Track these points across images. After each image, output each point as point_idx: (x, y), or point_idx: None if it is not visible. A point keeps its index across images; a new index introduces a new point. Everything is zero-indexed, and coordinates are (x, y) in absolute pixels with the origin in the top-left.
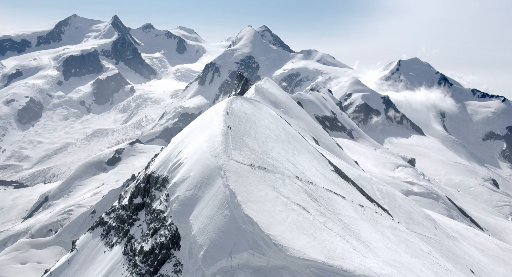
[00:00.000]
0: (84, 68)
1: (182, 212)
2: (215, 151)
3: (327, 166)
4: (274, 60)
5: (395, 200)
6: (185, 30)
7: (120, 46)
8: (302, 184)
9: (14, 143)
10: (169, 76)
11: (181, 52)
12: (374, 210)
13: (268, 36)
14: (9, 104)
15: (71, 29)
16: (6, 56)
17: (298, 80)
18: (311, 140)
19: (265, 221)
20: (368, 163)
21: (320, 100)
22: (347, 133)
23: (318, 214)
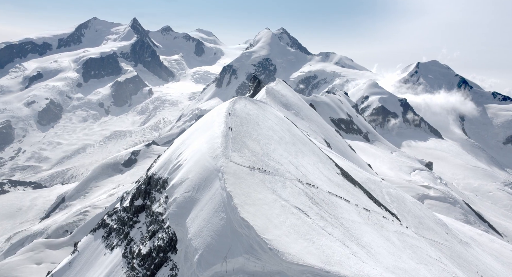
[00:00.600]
0: (103, 70)
1: (179, 214)
2: (214, 153)
3: (333, 168)
4: (291, 62)
5: (405, 204)
6: (204, 33)
7: (139, 48)
8: (303, 187)
9: (34, 144)
10: (187, 78)
11: (199, 54)
12: (381, 214)
13: (286, 38)
14: (30, 105)
15: (91, 31)
16: (27, 59)
17: (316, 83)
18: (322, 143)
19: (262, 225)
20: (384, 166)
21: (336, 102)
22: (363, 136)
23: (318, 218)
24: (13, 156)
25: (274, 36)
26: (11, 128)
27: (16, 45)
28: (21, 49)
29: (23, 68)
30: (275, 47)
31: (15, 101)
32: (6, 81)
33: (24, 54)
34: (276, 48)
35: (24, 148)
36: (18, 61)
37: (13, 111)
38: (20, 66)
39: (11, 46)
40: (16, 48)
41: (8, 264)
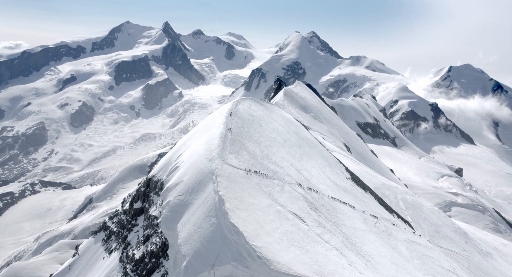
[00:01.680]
0: (135, 73)
1: (171, 218)
2: (210, 155)
3: (343, 173)
4: (321, 66)
5: (421, 212)
6: (234, 36)
7: (170, 52)
8: (303, 192)
9: (66, 145)
10: (217, 81)
11: (230, 58)
12: (391, 221)
13: (316, 42)
14: (63, 108)
15: (123, 35)
16: (62, 62)
17: (345, 87)
18: (341, 146)
19: (252, 231)
20: (410, 172)
21: (363, 106)
22: (390, 140)
23: (316, 225)
24: (46, 157)
25: (303, 39)
26: (44, 129)
27: (51, 48)
28: (57, 53)
29: (57, 71)
30: (305, 50)
31: (49, 103)
32: (41, 84)
33: (59, 57)
34: (306, 51)
35: (57, 149)
36: (53, 64)
37: (47, 113)
38: (55, 69)
39: (47, 49)
40: (52, 51)
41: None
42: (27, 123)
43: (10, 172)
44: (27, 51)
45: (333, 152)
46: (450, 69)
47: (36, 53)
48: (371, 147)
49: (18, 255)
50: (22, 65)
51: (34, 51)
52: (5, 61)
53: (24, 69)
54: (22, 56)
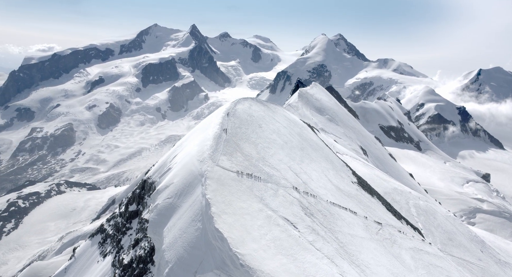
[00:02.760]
0: (162, 75)
1: (158, 222)
2: (202, 156)
3: (349, 177)
4: (347, 69)
5: (434, 218)
6: (261, 39)
7: (196, 54)
8: (298, 196)
9: (93, 147)
10: (243, 84)
11: (256, 60)
12: (398, 228)
13: (342, 44)
14: (91, 109)
15: (151, 38)
16: (91, 64)
17: (371, 90)
18: (357, 149)
19: (237, 237)
20: (434, 176)
21: (386, 109)
22: (414, 144)
23: (308, 231)
24: (73, 158)
25: (330, 42)
26: (72, 130)
27: (81, 51)
28: (86, 55)
29: (86, 73)
30: (331, 53)
31: (77, 104)
32: (71, 86)
33: (88, 59)
34: (332, 54)
35: (84, 150)
36: (82, 67)
37: (75, 115)
38: (83, 71)
39: (76, 52)
40: (81, 54)
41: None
42: (56, 124)
43: (38, 172)
44: (58, 54)
45: (343, 155)
46: (480, 72)
47: (66, 56)
48: (393, 151)
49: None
50: (53, 67)
51: (64, 54)
52: (36, 63)
53: (54, 71)
54: (53, 59)
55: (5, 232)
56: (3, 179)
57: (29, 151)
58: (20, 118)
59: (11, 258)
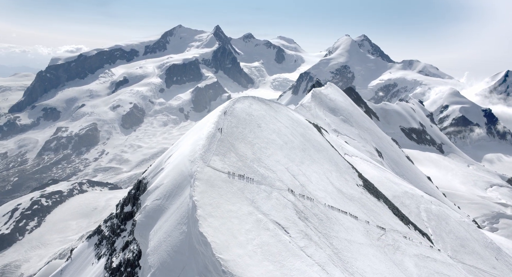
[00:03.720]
0: (185, 76)
1: (145, 225)
2: (193, 156)
3: (354, 179)
4: (370, 70)
5: (446, 224)
6: (285, 40)
7: (220, 55)
8: (293, 199)
9: (116, 146)
10: (266, 85)
11: (280, 61)
12: (404, 234)
13: (367, 45)
14: (115, 109)
15: (175, 39)
16: (116, 65)
17: (395, 91)
18: (371, 151)
19: (222, 242)
20: (456, 180)
21: (408, 111)
22: (436, 147)
23: (300, 237)
24: (97, 158)
25: (353, 43)
26: (97, 130)
27: (106, 51)
28: (111, 56)
29: (111, 74)
30: (354, 54)
31: (102, 105)
32: (96, 86)
33: (113, 60)
34: (355, 55)
35: (108, 150)
36: (108, 67)
37: (99, 115)
38: (108, 72)
39: (102, 52)
40: (107, 54)
41: None
42: (81, 124)
43: (63, 171)
44: (84, 54)
45: (352, 157)
46: (508, 73)
47: (92, 56)
48: (414, 154)
49: (63, 252)
50: (78, 68)
51: (90, 54)
52: (62, 64)
53: (80, 72)
54: (79, 59)
55: (28, 230)
56: (29, 178)
57: (54, 150)
58: (46, 118)
59: (33, 256)
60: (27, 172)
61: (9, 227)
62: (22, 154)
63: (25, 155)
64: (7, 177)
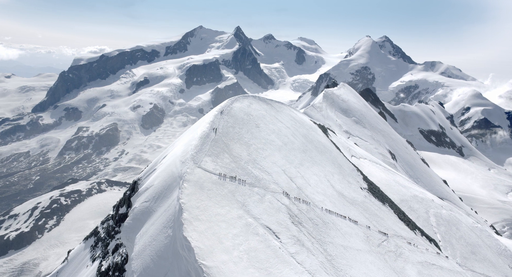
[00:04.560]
0: (205, 77)
1: (132, 228)
2: (185, 157)
3: (358, 182)
4: (391, 71)
5: (457, 229)
6: (306, 41)
7: (240, 56)
8: (288, 203)
9: (136, 146)
10: (286, 86)
11: (300, 63)
12: (409, 240)
13: (388, 46)
14: (135, 110)
15: (196, 40)
16: (137, 65)
17: (416, 93)
18: (384, 153)
19: (207, 247)
20: (475, 184)
21: (427, 113)
22: (456, 150)
23: (292, 242)
24: (117, 157)
25: (374, 44)
26: (117, 130)
27: (127, 52)
28: (132, 56)
29: (132, 74)
30: (375, 55)
31: (122, 105)
32: (117, 86)
33: (134, 61)
34: (376, 56)
35: (127, 150)
36: (129, 68)
37: (120, 115)
38: (130, 72)
39: (123, 53)
40: (128, 55)
41: None
42: (101, 124)
43: (83, 170)
44: (105, 55)
45: (360, 159)
46: None
47: (113, 57)
48: (433, 156)
49: None
50: (100, 68)
51: (112, 55)
52: (85, 64)
53: (102, 72)
54: (101, 60)
55: (47, 228)
56: (50, 177)
57: (75, 149)
58: (68, 118)
59: (51, 254)
60: (48, 171)
61: (29, 226)
62: (44, 153)
63: (47, 154)
64: (29, 176)
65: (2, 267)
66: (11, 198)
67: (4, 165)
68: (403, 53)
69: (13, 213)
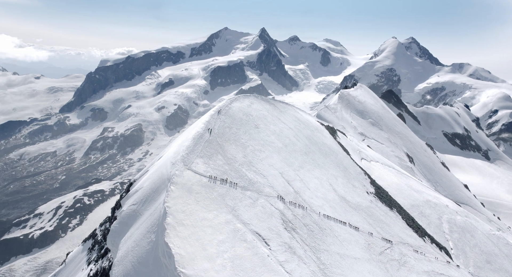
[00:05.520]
0: (230, 78)
1: (118, 232)
2: (175, 158)
3: (364, 186)
4: (417, 73)
5: (471, 237)
6: (331, 43)
7: (265, 57)
8: (282, 207)
9: (160, 147)
10: (311, 88)
11: (325, 64)
12: (416, 247)
13: (414, 48)
14: (160, 111)
15: (221, 41)
16: (162, 66)
17: (443, 95)
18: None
19: (189, 254)
20: (501, 188)
21: (452, 115)
22: (482, 153)
23: (282, 250)
24: (141, 158)
25: (400, 45)
26: (141, 131)
27: (153, 53)
28: (158, 58)
29: (157, 75)
30: (401, 56)
31: (147, 106)
32: (142, 87)
33: (159, 62)
34: (402, 58)
35: (151, 150)
36: (154, 69)
37: (145, 116)
38: (155, 73)
39: (149, 54)
40: (153, 56)
41: None
42: (126, 125)
43: (108, 170)
44: (131, 56)
45: (371, 161)
46: None
47: (139, 58)
48: (457, 160)
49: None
50: (126, 69)
51: (138, 56)
52: (111, 65)
53: (128, 73)
54: (127, 61)
55: (70, 227)
56: (75, 176)
57: (100, 150)
58: (94, 118)
59: None
60: (74, 171)
61: (53, 225)
62: (70, 153)
63: (73, 154)
64: (55, 175)
65: (27, 265)
66: (37, 197)
67: (31, 164)
68: (430, 54)
69: (37, 212)
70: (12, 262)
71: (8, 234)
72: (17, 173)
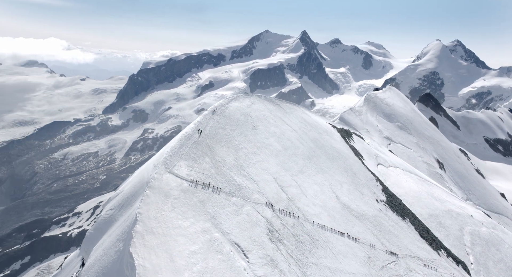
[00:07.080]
0: (269, 81)
1: (92, 238)
2: (158, 160)
3: (374, 194)
4: (462, 76)
5: (497, 250)
6: (373, 46)
7: (305, 60)
8: (271, 215)
9: None
10: (352, 91)
11: (367, 67)
12: (426, 262)
13: (460, 51)
14: (199, 113)
15: (262, 44)
16: (203, 69)
17: (489, 99)
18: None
19: (153, 267)
20: None
21: (494, 120)
22: None
23: (262, 263)
24: None
25: (444, 48)
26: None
27: (194, 56)
28: (199, 60)
29: (198, 78)
30: (445, 60)
31: (187, 108)
32: (183, 89)
33: (200, 64)
34: (446, 61)
35: None
36: (195, 71)
37: (184, 117)
38: (196, 76)
39: (190, 57)
40: (195, 59)
41: None
42: (166, 126)
43: None
44: (173, 59)
45: (389, 167)
46: None
47: (181, 61)
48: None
49: None
50: (168, 72)
51: (179, 59)
52: (153, 67)
53: (169, 76)
54: (168, 63)
55: None
56: (115, 177)
57: (140, 151)
58: (135, 119)
59: None
60: (114, 171)
61: (90, 224)
62: (111, 154)
63: (114, 154)
64: (96, 175)
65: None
66: (79, 196)
67: (74, 164)
68: (476, 57)
69: (76, 211)
70: (51, 260)
71: (48, 232)
72: (61, 172)
